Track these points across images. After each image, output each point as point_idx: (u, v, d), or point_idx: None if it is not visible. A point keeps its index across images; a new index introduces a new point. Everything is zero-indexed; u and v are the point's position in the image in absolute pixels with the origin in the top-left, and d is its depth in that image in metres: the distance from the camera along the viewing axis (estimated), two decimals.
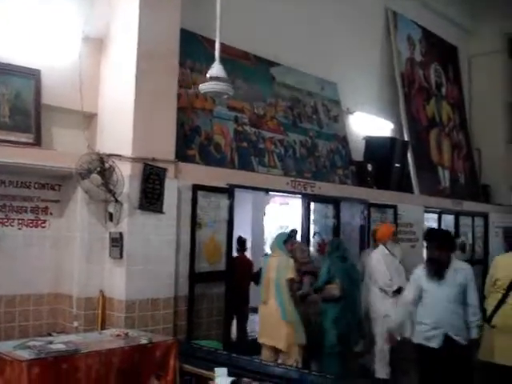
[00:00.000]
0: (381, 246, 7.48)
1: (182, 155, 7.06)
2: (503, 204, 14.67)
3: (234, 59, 8.76)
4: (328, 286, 6.83)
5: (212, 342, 6.39)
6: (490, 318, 5.77)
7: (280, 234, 7.08)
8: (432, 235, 5.50)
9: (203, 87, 5.70)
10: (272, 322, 6.42)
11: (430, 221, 11.90)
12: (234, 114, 8.40)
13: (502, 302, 5.76)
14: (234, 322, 8.25)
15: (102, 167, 6.05)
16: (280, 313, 6.35)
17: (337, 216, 9.19)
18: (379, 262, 7.34)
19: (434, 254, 5.18)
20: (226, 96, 5.88)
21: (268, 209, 11.68)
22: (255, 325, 7.82)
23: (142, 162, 6.31)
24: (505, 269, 5.93)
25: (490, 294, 5.90)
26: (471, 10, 15.24)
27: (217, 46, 5.86)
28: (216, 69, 5.57)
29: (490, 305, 5.83)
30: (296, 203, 9.25)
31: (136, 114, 6.35)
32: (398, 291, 6.94)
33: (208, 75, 5.64)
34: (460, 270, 5.15)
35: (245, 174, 7.85)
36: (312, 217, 9.14)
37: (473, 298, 5.10)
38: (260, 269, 6.84)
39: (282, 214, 11.47)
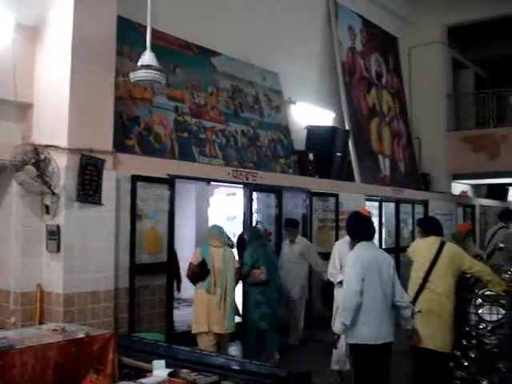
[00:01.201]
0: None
1: (120, 146, 6.96)
2: (442, 191, 15.04)
3: (175, 49, 8.71)
4: (254, 271, 7.14)
5: (154, 335, 6.35)
6: (412, 303, 5.68)
7: (219, 225, 7.06)
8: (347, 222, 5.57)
9: (134, 76, 5.62)
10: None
11: (372, 209, 12.08)
12: (174, 104, 8.33)
13: (422, 287, 5.80)
14: None
15: (37, 158, 5.92)
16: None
17: (279, 205, 9.24)
18: (335, 250, 7.02)
19: None
20: (157, 84, 5.82)
21: (214, 200, 11.64)
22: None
23: (79, 153, 6.20)
24: (420, 255, 5.96)
25: (411, 280, 5.94)
26: (411, 1, 15.49)
27: (148, 33, 5.80)
28: (147, 57, 5.50)
29: (412, 290, 5.85)
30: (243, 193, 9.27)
31: (72, 103, 6.23)
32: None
33: (139, 63, 5.57)
34: None
35: (185, 165, 7.80)
36: (255, 206, 9.17)
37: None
38: (203, 260, 6.75)
39: (229, 204, 11.43)
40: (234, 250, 7.27)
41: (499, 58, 18.74)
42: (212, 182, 8.60)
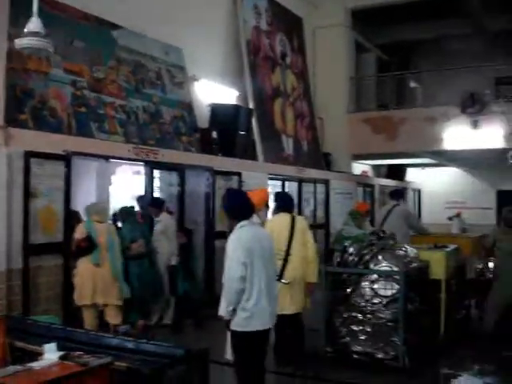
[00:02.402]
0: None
1: (12, 120, 6.62)
2: (343, 171, 15.40)
3: (73, 19, 8.36)
4: (133, 244, 7.48)
5: (49, 317, 6.13)
6: (280, 276, 6.12)
7: (99, 202, 7.57)
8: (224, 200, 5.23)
9: (19, 43, 5.32)
10: (109, 282, 6.80)
11: (275, 188, 12.20)
12: (71, 78, 8.00)
13: (285, 260, 6.25)
14: None
15: None
16: (112, 272, 6.86)
17: (181, 184, 9.13)
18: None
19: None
20: (45, 53, 5.55)
21: (118, 178, 11.32)
22: None
23: None
24: (280, 230, 6.35)
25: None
26: None
27: None
28: (33, 23, 5.20)
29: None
30: None
31: None
32: None
33: (25, 30, 5.27)
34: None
35: (83, 141, 7.54)
36: (157, 185, 9.02)
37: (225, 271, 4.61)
38: (89, 235, 6.77)
39: (134, 183, 11.16)
40: None
41: (400, 43, 19.37)
42: (112, 160, 8.35)
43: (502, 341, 7.10)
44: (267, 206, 7.06)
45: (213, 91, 11.35)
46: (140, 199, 8.63)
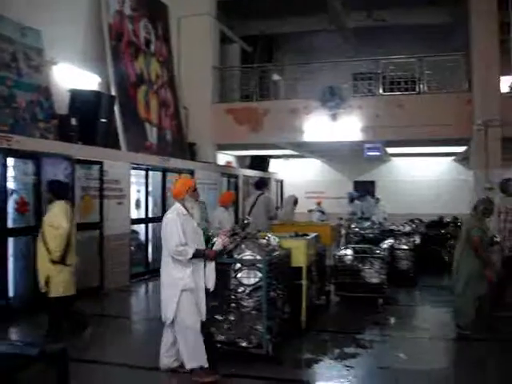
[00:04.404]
0: (177, 204, 6.03)
1: None
2: (208, 161, 15.40)
3: None
4: None
5: None
6: (63, 260, 6.73)
7: None
8: None
9: None
10: None
11: (139, 177, 11.98)
12: None
13: (68, 245, 6.76)
14: None
15: None
16: None
17: (38, 173, 8.65)
18: (174, 223, 5.86)
19: None
20: None
21: None
22: None
23: None
24: (63, 217, 6.76)
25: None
26: None
27: None
28: None
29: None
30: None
31: None
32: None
33: None
34: None
35: None
36: (10, 174, 8.48)
37: None
38: None
39: None
40: None
41: (264, 35, 19.68)
42: None
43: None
44: (193, 194, 6.13)
45: (73, 76, 10.89)
46: None
